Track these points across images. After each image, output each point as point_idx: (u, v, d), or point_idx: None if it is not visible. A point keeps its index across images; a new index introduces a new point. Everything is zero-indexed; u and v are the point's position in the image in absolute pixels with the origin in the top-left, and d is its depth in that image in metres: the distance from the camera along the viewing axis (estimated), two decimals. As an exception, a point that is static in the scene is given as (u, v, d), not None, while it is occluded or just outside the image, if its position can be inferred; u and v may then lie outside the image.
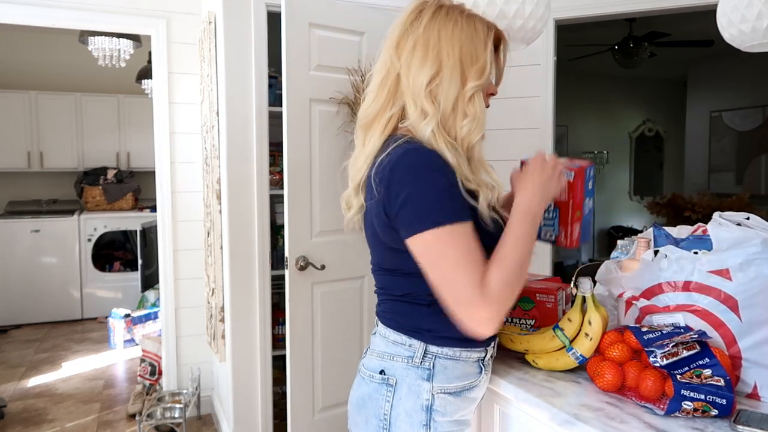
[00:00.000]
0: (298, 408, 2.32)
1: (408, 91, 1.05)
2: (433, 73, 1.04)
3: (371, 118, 1.10)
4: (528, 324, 1.37)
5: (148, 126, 3.60)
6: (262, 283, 2.52)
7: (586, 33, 5.01)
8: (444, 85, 1.04)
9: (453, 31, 1.05)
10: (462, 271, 0.96)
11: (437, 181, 0.97)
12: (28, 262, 4.88)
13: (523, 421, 1.20)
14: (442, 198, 0.97)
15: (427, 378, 1.07)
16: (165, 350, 3.12)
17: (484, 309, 0.95)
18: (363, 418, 1.12)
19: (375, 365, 1.12)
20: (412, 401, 1.07)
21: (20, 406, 3.28)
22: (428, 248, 0.97)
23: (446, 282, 0.97)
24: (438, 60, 1.04)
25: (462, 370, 1.10)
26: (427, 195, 0.97)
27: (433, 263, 0.98)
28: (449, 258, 0.96)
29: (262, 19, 2.42)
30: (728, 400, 0.98)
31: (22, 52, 5.20)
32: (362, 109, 1.13)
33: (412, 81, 1.04)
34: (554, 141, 2.76)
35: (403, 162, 0.99)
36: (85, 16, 2.82)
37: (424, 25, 1.06)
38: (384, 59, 1.10)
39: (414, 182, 0.97)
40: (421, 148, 1.01)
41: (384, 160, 1.02)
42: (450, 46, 1.04)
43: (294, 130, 2.22)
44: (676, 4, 2.54)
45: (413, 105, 1.05)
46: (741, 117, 6.03)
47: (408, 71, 1.05)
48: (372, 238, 1.13)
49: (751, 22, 1.32)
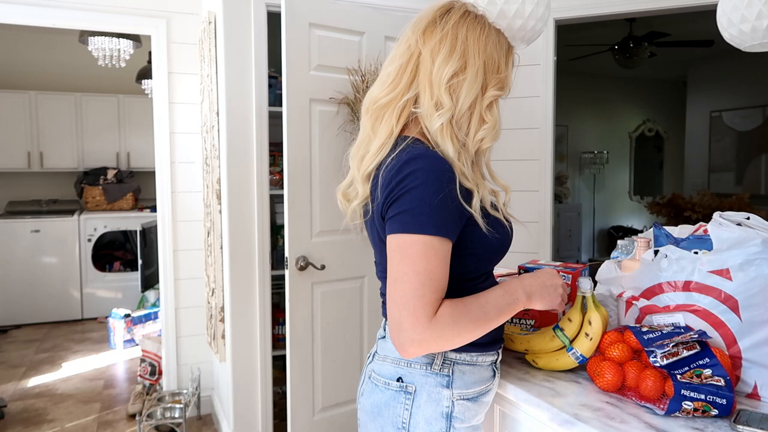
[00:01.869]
0: (298, 408, 2.32)
1: (427, 80, 1.05)
2: (457, 69, 1.04)
3: (384, 104, 1.08)
4: (528, 324, 1.37)
5: (148, 126, 3.60)
6: (262, 283, 2.52)
7: (586, 33, 5.01)
8: (466, 83, 1.04)
9: (480, 36, 1.06)
10: (421, 284, 0.94)
11: (435, 191, 0.96)
12: (28, 262, 4.87)
13: (523, 421, 1.20)
14: (435, 208, 0.95)
15: (447, 385, 1.06)
16: (165, 350, 3.12)
17: (424, 330, 0.93)
18: (378, 425, 1.09)
19: (391, 372, 1.09)
20: (432, 408, 1.06)
21: (20, 406, 3.28)
22: (403, 249, 0.96)
23: (403, 286, 0.94)
24: (464, 58, 1.04)
25: (478, 375, 1.10)
26: (423, 200, 0.95)
27: (400, 264, 0.96)
28: (417, 267, 0.94)
29: (262, 19, 2.42)
30: (728, 400, 0.98)
31: (22, 52, 5.20)
32: (375, 92, 1.11)
33: (436, 71, 1.04)
34: (554, 141, 2.77)
35: (408, 166, 0.98)
36: (85, 16, 2.82)
37: (453, 21, 1.07)
38: (408, 44, 1.08)
39: (413, 185, 0.96)
40: (427, 153, 1.00)
41: (391, 162, 1.02)
42: (476, 49, 1.05)
43: (294, 130, 2.22)
44: (676, 4, 2.54)
45: (429, 95, 1.04)
46: (741, 117, 6.03)
47: (432, 61, 1.04)
48: (377, 241, 1.11)
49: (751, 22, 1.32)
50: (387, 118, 1.08)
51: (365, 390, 1.14)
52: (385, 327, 1.17)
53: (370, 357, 1.18)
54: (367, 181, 1.09)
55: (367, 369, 1.17)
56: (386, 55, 2.42)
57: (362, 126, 1.14)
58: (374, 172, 1.07)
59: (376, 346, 1.17)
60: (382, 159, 1.06)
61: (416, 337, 0.94)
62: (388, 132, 1.07)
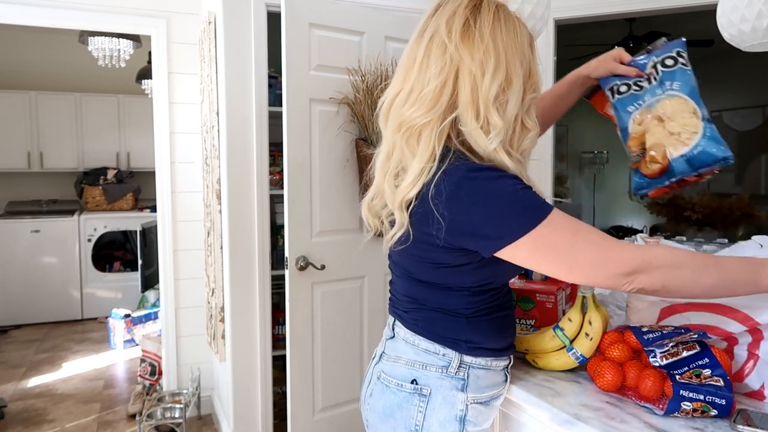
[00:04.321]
0: (298, 408, 2.32)
1: (470, 99, 0.96)
2: (503, 84, 0.97)
3: (423, 124, 0.98)
4: (528, 324, 1.37)
5: (148, 126, 3.60)
6: (262, 283, 2.52)
7: (586, 33, 5.00)
8: (513, 98, 0.98)
9: (516, 40, 1.00)
10: (587, 238, 0.94)
11: (509, 192, 0.93)
12: (28, 263, 4.87)
13: (523, 421, 1.20)
14: (523, 201, 0.93)
15: (462, 388, 1.06)
16: (165, 350, 3.12)
17: (634, 256, 0.92)
18: (390, 427, 1.08)
19: (404, 374, 1.08)
20: (446, 411, 1.05)
21: (20, 406, 3.28)
22: (537, 246, 0.93)
23: (579, 256, 0.93)
24: (508, 71, 0.97)
25: (492, 379, 1.10)
26: (507, 206, 0.93)
27: (553, 253, 0.94)
28: (566, 236, 0.93)
29: (262, 19, 2.42)
30: (727, 400, 0.97)
31: (22, 52, 5.20)
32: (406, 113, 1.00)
33: (483, 90, 0.96)
34: (554, 141, 2.76)
35: (464, 185, 0.94)
36: (85, 16, 2.82)
37: (489, 26, 0.98)
38: (447, 54, 0.97)
39: (488, 201, 0.93)
40: (478, 167, 0.96)
41: (441, 181, 0.95)
42: (516, 56, 0.99)
43: (294, 130, 2.22)
44: (676, 4, 2.54)
45: (474, 114, 0.96)
46: (741, 117, 6.03)
47: (479, 78, 0.96)
48: (409, 251, 1.05)
49: (751, 22, 1.32)
50: (426, 139, 0.98)
51: (375, 391, 1.12)
52: (393, 327, 1.15)
53: (377, 357, 1.16)
54: (404, 208, 1.01)
55: (374, 369, 1.15)
56: (386, 55, 2.42)
57: (389, 139, 1.04)
58: (417, 196, 0.99)
59: (384, 347, 1.16)
60: (425, 182, 0.97)
61: (638, 268, 0.93)
62: (429, 155, 0.97)
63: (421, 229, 1.00)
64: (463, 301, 1.05)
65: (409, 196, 0.99)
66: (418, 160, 0.98)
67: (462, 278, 1.03)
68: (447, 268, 1.02)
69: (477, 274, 1.02)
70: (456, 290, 1.05)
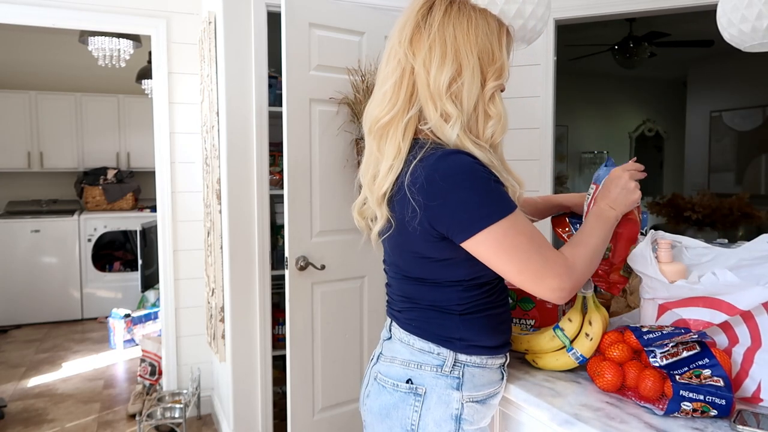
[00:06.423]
0: (298, 408, 2.32)
1: (427, 93, 1.01)
2: (453, 74, 1.00)
3: (386, 123, 1.05)
4: (528, 324, 1.37)
5: (148, 126, 3.60)
6: (262, 283, 2.52)
7: (586, 33, 5.00)
8: (466, 86, 1.01)
9: (469, 29, 1.02)
10: (539, 248, 0.99)
11: (482, 179, 0.96)
12: (28, 262, 4.88)
13: (523, 421, 1.20)
14: (494, 193, 0.97)
15: (457, 387, 1.06)
16: (165, 350, 3.12)
17: (568, 278, 1.00)
18: (386, 427, 1.09)
19: (400, 374, 1.09)
20: (442, 410, 1.05)
21: (20, 406, 3.28)
22: (499, 241, 0.96)
23: (529, 262, 0.98)
24: (457, 60, 1.01)
25: (488, 377, 1.10)
26: (480, 193, 0.96)
27: (509, 252, 0.97)
28: (524, 241, 0.98)
29: (262, 19, 2.42)
30: (727, 400, 0.98)
31: (22, 52, 5.20)
32: (372, 113, 1.07)
33: (432, 83, 1.00)
34: (554, 141, 2.76)
35: (440, 168, 0.96)
36: (85, 16, 2.82)
37: (438, 22, 1.02)
38: (396, 58, 1.04)
39: (461, 185, 0.95)
40: (453, 151, 0.99)
41: (416, 168, 0.98)
42: (468, 45, 1.01)
43: (294, 130, 2.22)
44: (676, 4, 2.54)
45: (433, 107, 1.01)
46: (741, 117, 6.03)
47: (427, 72, 1.01)
48: (398, 247, 1.09)
49: (751, 22, 1.32)
50: (392, 137, 1.04)
51: (371, 391, 1.13)
52: (390, 328, 1.16)
53: (375, 358, 1.17)
54: (382, 203, 1.06)
55: (372, 370, 1.16)
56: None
57: (367, 145, 1.11)
58: (390, 191, 1.05)
59: (381, 347, 1.16)
60: (394, 179, 1.03)
61: (568, 285, 1.01)
62: (395, 151, 1.03)
63: (403, 216, 1.03)
64: (454, 297, 1.05)
65: (383, 191, 1.05)
66: (386, 158, 1.05)
67: (450, 272, 1.04)
68: (435, 262, 1.04)
69: (464, 267, 1.04)
70: (446, 286, 1.05)
